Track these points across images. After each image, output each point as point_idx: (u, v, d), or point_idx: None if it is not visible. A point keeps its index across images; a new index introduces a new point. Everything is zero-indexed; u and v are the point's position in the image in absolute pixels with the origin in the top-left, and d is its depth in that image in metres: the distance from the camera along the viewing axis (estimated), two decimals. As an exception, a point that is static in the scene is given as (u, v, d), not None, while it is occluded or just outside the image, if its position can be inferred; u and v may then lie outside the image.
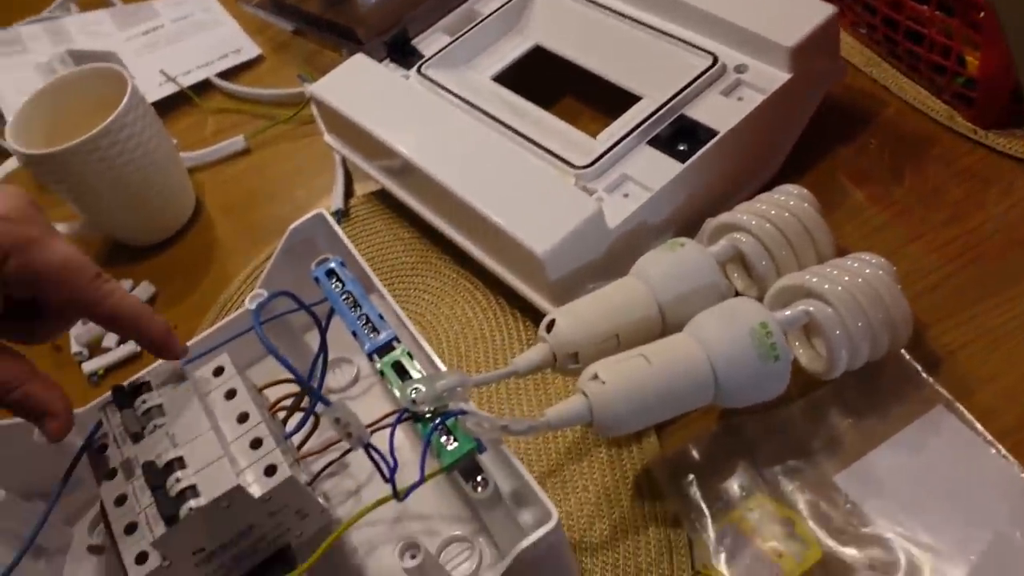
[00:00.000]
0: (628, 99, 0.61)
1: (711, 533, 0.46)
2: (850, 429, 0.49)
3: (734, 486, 0.48)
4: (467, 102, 0.62)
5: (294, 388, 0.54)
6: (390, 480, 0.42)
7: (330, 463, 0.53)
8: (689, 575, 0.46)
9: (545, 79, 0.67)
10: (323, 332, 0.51)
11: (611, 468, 0.52)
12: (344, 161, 0.74)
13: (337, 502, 0.54)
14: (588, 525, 0.50)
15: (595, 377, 0.44)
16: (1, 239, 0.41)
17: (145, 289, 0.70)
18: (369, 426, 0.45)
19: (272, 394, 0.52)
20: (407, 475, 0.52)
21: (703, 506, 0.47)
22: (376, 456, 0.42)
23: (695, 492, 0.48)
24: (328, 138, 0.70)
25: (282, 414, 0.52)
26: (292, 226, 0.58)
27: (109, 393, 0.48)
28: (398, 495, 0.42)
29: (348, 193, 0.72)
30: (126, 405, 0.47)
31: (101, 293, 0.44)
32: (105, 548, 0.56)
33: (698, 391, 0.45)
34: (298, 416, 0.52)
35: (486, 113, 0.61)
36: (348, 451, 0.51)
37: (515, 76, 0.66)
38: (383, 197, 0.71)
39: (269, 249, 0.70)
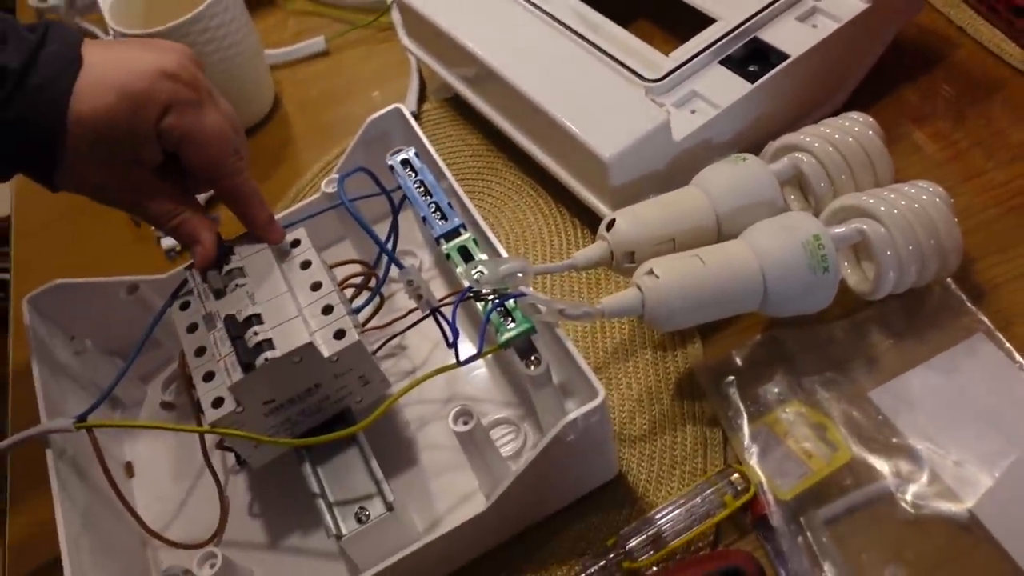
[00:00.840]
0: (703, 22, 0.62)
1: (746, 432, 0.49)
2: (889, 349, 0.51)
3: (772, 391, 0.50)
4: (548, 14, 0.64)
5: (358, 270, 0.58)
6: (453, 346, 0.45)
7: (393, 336, 0.56)
8: (721, 468, 0.49)
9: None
10: (395, 212, 0.54)
11: (655, 369, 0.54)
12: (419, 68, 0.76)
13: (393, 381, 0.57)
14: (629, 419, 0.53)
15: (650, 272, 0.47)
16: (163, 96, 0.45)
17: (223, 175, 0.73)
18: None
19: (339, 274, 0.56)
20: (465, 351, 0.56)
21: (741, 407, 0.50)
22: (442, 322, 0.45)
23: (734, 393, 0.50)
24: (407, 42, 0.73)
25: (349, 292, 0.56)
26: (370, 118, 0.60)
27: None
28: (459, 361, 0.45)
29: (421, 98, 0.75)
30: (227, 253, 0.50)
31: (232, 168, 0.48)
32: (176, 405, 0.61)
33: (747, 295, 0.47)
34: (365, 296, 0.56)
35: (565, 25, 0.63)
36: (411, 326, 0.54)
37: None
38: (455, 105, 0.73)
39: (341, 146, 0.73)
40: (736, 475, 0.47)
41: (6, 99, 0.43)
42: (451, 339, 0.45)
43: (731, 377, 0.51)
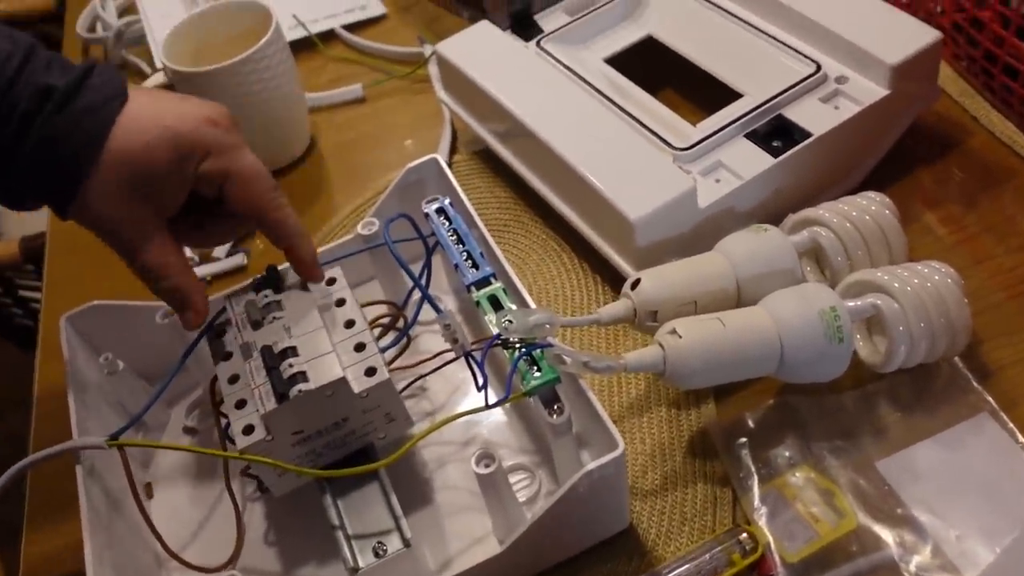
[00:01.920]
0: (728, 95, 0.65)
1: (756, 493, 0.50)
2: (897, 422, 0.53)
3: (782, 455, 0.52)
4: (580, 77, 0.67)
5: (385, 310, 0.60)
6: (483, 389, 0.47)
7: (420, 377, 0.58)
8: (730, 527, 0.50)
9: (651, 68, 0.71)
10: (429, 257, 0.56)
11: (669, 426, 0.56)
12: (452, 120, 0.79)
13: (415, 420, 0.59)
14: (642, 473, 0.54)
15: (673, 331, 0.49)
16: (208, 139, 0.47)
17: (257, 210, 0.76)
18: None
19: (368, 313, 0.58)
20: (489, 396, 0.58)
21: (752, 468, 0.51)
22: (473, 366, 0.47)
23: (746, 455, 0.52)
24: (442, 94, 0.76)
25: (376, 331, 0.58)
26: (408, 165, 0.63)
27: (252, 280, 0.54)
28: (488, 404, 0.47)
29: (453, 149, 0.77)
30: (269, 285, 0.53)
31: (276, 203, 0.50)
32: (199, 431, 0.62)
33: (764, 359, 0.49)
34: (391, 335, 0.58)
35: (596, 90, 0.66)
36: (442, 366, 0.56)
37: (625, 61, 0.71)
38: (485, 157, 0.76)
39: (373, 189, 0.76)
40: (745, 535, 0.49)
41: (46, 118, 0.44)
42: (481, 382, 0.47)
43: (743, 439, 0.52)
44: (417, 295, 0.59)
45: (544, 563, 0.51)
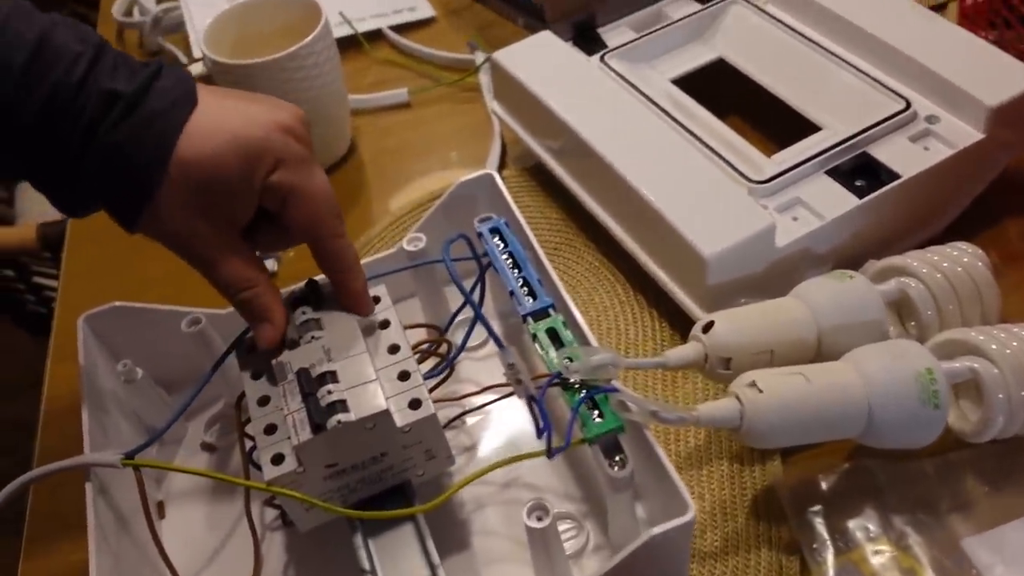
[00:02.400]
0: (804, 128, 0.61)
1: (831, 568, 0.46)
2: (985, 497, 0.48)
3: (860, 526, 0.47)
4: (647, 97, 0.63)
5: (423, 333, 0.56)
6: (546, 434, 0.43)
7: (464, 413, 0.53)
8: (797, 603, 0.46)
9: (719, 93, 0.67)
10: (483, 281, 0.52)
11: (731, 483, 0.51)
12: (502, 133, 0.75)
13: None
14: (699, 533, 0.50)
15: (752, 384, 0.44)
16: (278, 148, 0.43)
17: (291, 214, 0.71)
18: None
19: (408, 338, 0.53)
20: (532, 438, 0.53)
21: (827, 539, 0.47)
22: (537, 411, 0.43)
23: (820, 523, 0.47)
24: (494, 105, 0.71)
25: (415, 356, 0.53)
26: (460, 180, 0.59)
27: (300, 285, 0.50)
28: (550, 452, 0.43)
29: (501, 164, 0.73)
30: (307, 301, 0.48)
31: (336, 231, 0.46)
32: (217, 448, 0.58)
33: (850, 421, 0.45)
34: (429, 362, 0.53)
35: (664, 112, 0.61)
36: (490, 402, 0.52)
37: (692, 83, 0.67)
38: (535, 174, 0.71)
39: (413, 200, 0.71)
40: (817, 613, 0.44)
41: (111, 126, 0.41)
42: (543, 428, 0.43)
43: (817, 506, 0.48)
44: (461, 318, 0.55)
45: (590, 628, 0.47)
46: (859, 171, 0.57)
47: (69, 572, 0.53)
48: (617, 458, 0.43)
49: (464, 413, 0.54)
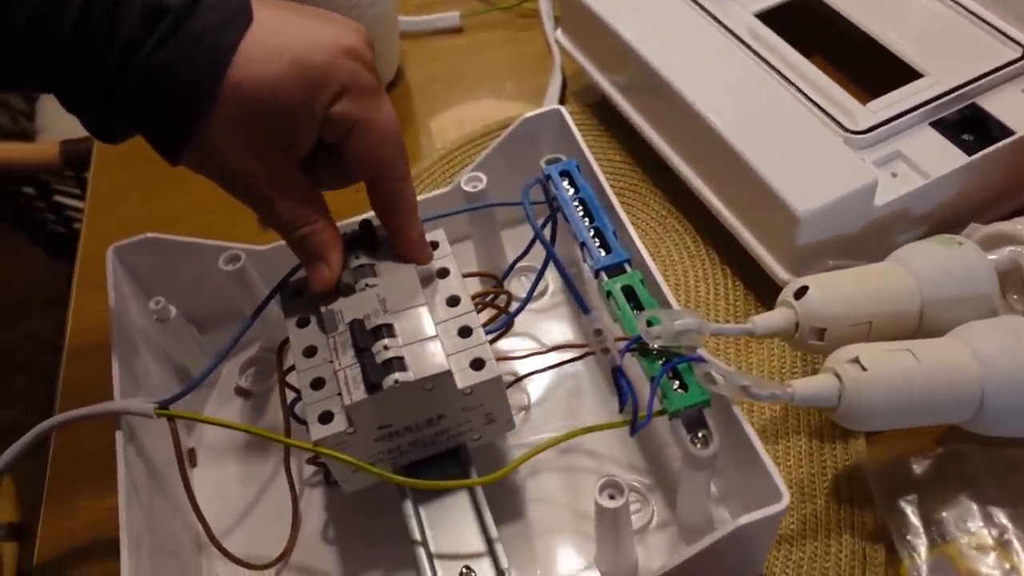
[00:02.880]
0: (901, 73, 0.55)
1: (923, 561, 0.42)
2: (1093, 491, 0.44)
3: (956, 517, 0.43)
4: (729, 31, 0.57)
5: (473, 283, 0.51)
6: (633, 408, 0.38)
7: (528, 375, 0.49)
8: (882, 597, 0.42)
9: (804, 30, 0.61)
10: (554, 231, 0.47)
11: (809, 461, 0.47)
12: (563, 65, 0.69)
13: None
14: (775, 513, 0.46)
15: (855, 361, 0.40)
16: (343, 76, 0.38)
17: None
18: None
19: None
20: (599, 406, 0.49)
21: (921, 529, 0.43)
22: (623, 383, 0.39)
23: (914, 512, 0.43)
24: (558, 34, 0.66)
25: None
26: (525, 116, 0.54)
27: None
28: (634, 427, 0.38)
29: (561, 99, 0.68)
30: (361, 244, 0.44)
31: (399, 172, 0.41)
32: (252, 393, 0.54)
33: (959, 405, 0.40)
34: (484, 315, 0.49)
35: (748, 47, 0.56)
36: (555, 366, 0.48)
37: (777, 18, 0.61)
38: (599, 111, 0.66)
39: (465, 133, 0.66)
40: (908, 612, 0.40)
41: (157, 43, 0.35)
42: (625, 400, 0.39)
43: (912, 494, 0.44)
44: (520, 265, 0.51)
45: (654, 611, 0.43)
46: (967, 124, 0.51)
47: (95, 519, 0.49)
48: (700, 434, 0.39)
49: (529, 374, 0.49)
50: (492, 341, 0.47)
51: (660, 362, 0.40)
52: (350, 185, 0.43)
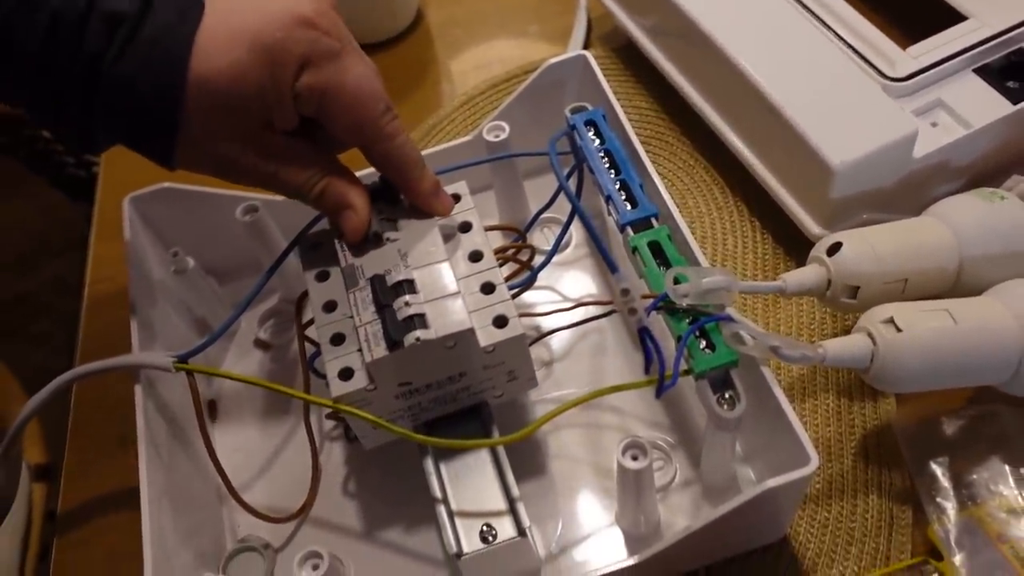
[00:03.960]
0: (944, 15, 0.53)
1: (952, 523, 0.41)
2: None
3: (986, 479, 0.42)
4: (765, -27, 0.54)
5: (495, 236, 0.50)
6: (660, 370, 0.37)
7: (549, 332, 0.48)
8: (908, 559, 0.41)
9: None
10: (580, 185, 0.46)
11: (837, 419, 0.46)
12: (589, 7, 0.67)
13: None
14: (800, 472, 0.45)
15: (890, 321, 0.38)
16: (302, 47, 0.36)
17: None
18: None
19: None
20: (623, 362, 0.48)
21: (951, 490, 0.42)
22: (649, 344, 0.38)
23: (944, 473, 0.42)
24: (586, -25, 0.64)
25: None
26: (549, 62, 0.52)
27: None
28: (660, 389, 0.38)
29: (586, 43, 0.66)
30: (382, 197, 0.43)
31: (385, 131, 0.39)
32: (272, 346, 0.54)
33: (996, 368, 0.39)
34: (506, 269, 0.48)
35: (786, -8, 0.53)
36: (579, 323, 0.47)
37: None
38: (624, 55, 0.64)
39: (487, 78, 0.64)
40: (937, 574, 0.40)
41: (117, 54, 0.34)
42: (651, 361, 0.38)
43: (943, 453, 0.43)
44: (544, 217, 0.50)
45: (679, 569, 0.43)
46: (1013, 71, 0.49)
47: (116, 470, 0.50)
48: (727, 395, 0.38)
49: (552, 331, 0.48)
50: (515, 296, 0.47)
51: (687, 321, 0.39)
52: (345, 149, 0.42)
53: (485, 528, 0.40)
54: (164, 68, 0.35)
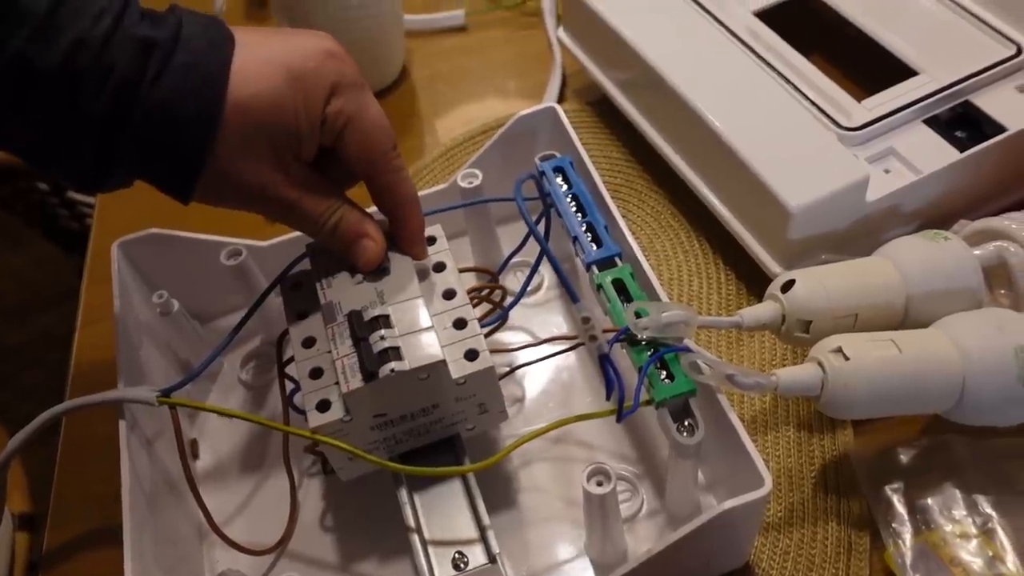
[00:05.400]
0: (896, 71, 0.56)
1: (908, 548, 0.43)
2: (1077, 482, 0.44)
3: (941, 505, 0.44)
4: (727, 29, 0.58)
5: (469, 278, 0.52)
6: (619, 395, 0.39)
7: (520, 366, 0.50)
8: (867, 584, 0.43)
9: (803, 29, 0.61)
10: (548, 226, 0.48)
11: (797, 450, 0.48)
12: (564, 63, 0.70)
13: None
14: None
15: (838, 350, 0.40)
16: (333, 76, 0.39)
17: (337, 140, 0.68)
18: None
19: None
20: (589, 395, 0.50)
21: (906, 517, 0.43)
22: (610, 371, 0.40)
23: (899, 500, 0.44)
24: (560, 33, 0.67)
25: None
26: (520, 113, 0.55)
27: None
28: (620, 415, 0.39)
29: (561, 97, 0.69)
30: None
31: (391, 165, 0.42)
32: (254, 387, 0.55)
33: (940, 396, 0.41)
34: (479, 309, 0.50)
35: (746, 46, 0.57)
36: (546, 357, 0.49)
37: (776, 17, 0.61)
38: (598, 109, 0.67)
39: (467, 131, 0.67)
40: (891, 599, 0.41)
41: (153, 80, 0.35)
42: (612, 387, 0.39)
43: (898, 482, 0.45)
44: (514, 261, 0.52)
45: (642, 597, 0.44)
46: (960, 122, 0.52)
47: (102, 501, 0.51)
48: (687, 423, 0.40)
49: (521, 365, 0.50)
50: (488, 334, 0.49)
51: (648, 352, 0.41)
52: (351, 185, 0.44)
53: (457, 556, 0.41)
54: (203, 92, 0.36)
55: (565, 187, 0.49)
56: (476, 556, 0.41)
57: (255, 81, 0.38)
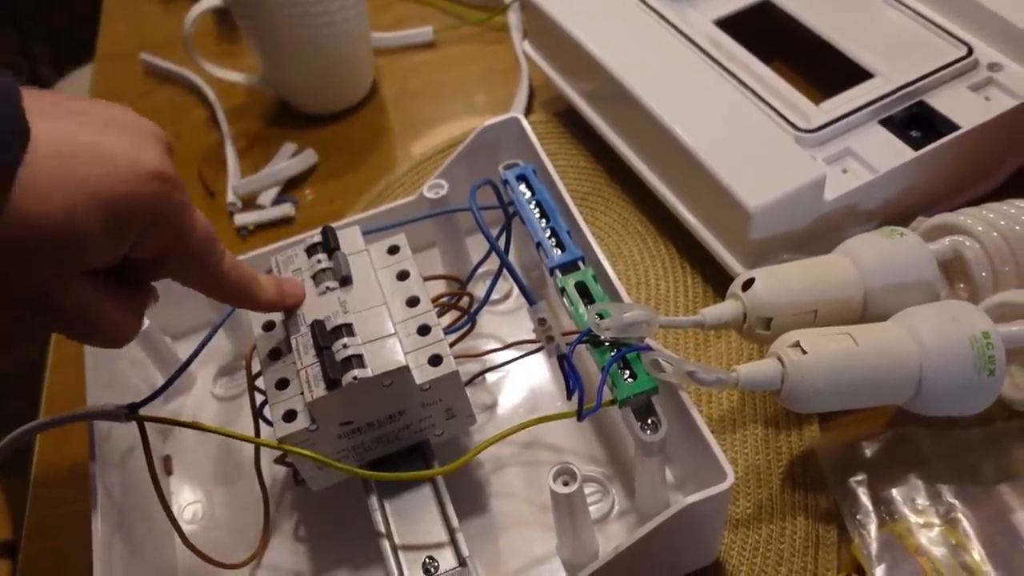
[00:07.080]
0: (855, 75, 0.57)
1: (873, 539, 0.43)
2: (1038, 470, 0.45)
3: (905, 496, 0.44)
4: (688, 39, 0.59)
5: (443, 286, 0.53)
6: (579, 397, 0.40)
7: (487, 370, 0.51)
8: (837, 576, 0.43)
9: (763, 36, 0.62)
10: (509, 232, 0.49)
11: (765, 447, 0.49)
12: (531, 76, 0.71)
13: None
14: (732, 500, 0.47)
15: (796, 345, 0.41)
16: (153, 204, 0.34)
17: (308, 156, 0.68)
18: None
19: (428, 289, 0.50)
20: (557, 398, 0.50)
21: (871, 509, 0.44)
22: (568, 370, 0.40)
23: (864, 492, 0.45)
24: (525, 46, 0.68)
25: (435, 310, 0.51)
26: (485, 124, 0.55)
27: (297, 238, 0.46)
28: (580, 414, 0.40)
29: (528, 109, 0.70)
30: (323, 249, 0.46)
31: (224, 267, 0.40)
32: (225, 401, 0.56)
33: (898, 387, 0.42)
34: (449, 315, 0.51)
35: (707, 54, 0.58)
36: (511, 361, 0.49)
37: (736, 25, 0.62)
38: (565, 119, 0.68)
39: (437, 145, 0.68)
40: (857, 589, 0.42)
41: None
42: (572, 388, 0.40)
43: (862, 475, 0.45)
44: (483, 270, 0.52)
45: (614, 596, 0.45)
46: (914, 121, 0.53)
47: (75, 521, 0.51)
48: (650, 421, 0.41)
49: (487, 370, 0.51)
50: (455, 341, 0.49)
51: (610, 352, 0.42)
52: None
53: (427, 560, 0.41)
54: None
55: (529, 194, 0.50)
56: (447, 560, 0.41)
57: (49, 197, 0.31)
